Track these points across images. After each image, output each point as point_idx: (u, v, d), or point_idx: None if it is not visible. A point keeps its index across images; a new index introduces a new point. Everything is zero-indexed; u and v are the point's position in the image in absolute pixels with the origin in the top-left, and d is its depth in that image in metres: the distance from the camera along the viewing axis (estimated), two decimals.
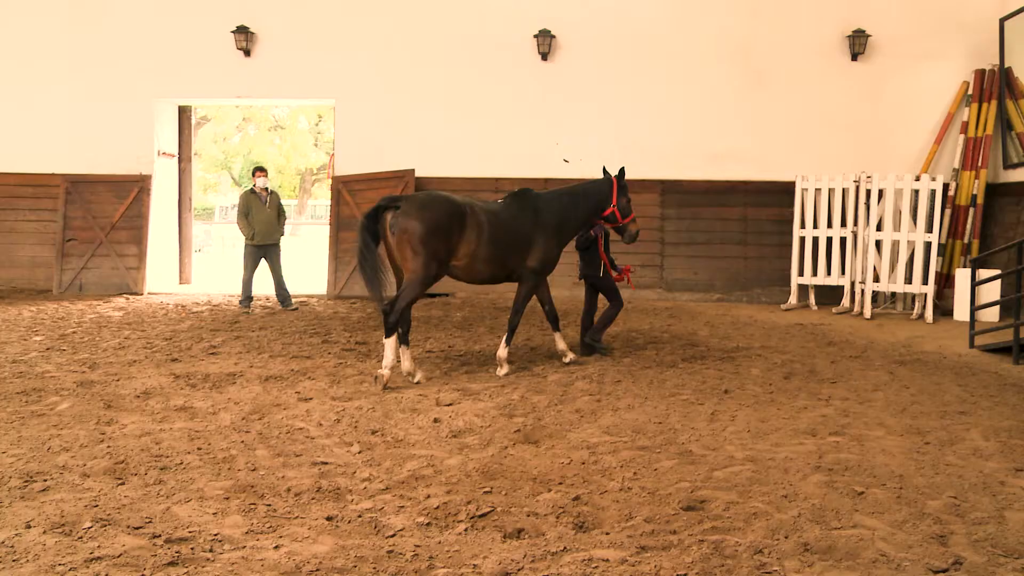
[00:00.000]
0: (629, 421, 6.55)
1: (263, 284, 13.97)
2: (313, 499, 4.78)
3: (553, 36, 14.86)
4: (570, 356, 8.87)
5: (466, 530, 4.37)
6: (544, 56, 14.91)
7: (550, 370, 8.51)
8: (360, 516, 4.53)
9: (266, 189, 13.08)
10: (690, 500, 4.79)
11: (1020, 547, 4.22)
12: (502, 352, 8.43)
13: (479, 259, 8.16)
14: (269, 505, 4.66)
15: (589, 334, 9.47)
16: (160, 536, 4.19)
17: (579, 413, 6.81)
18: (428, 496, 4.83)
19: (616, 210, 8.97)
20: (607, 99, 14.96)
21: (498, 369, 8.37)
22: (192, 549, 4.07)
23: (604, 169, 9.30)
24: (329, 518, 4.49)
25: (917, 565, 3.99)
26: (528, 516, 4.56)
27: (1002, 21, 13.78)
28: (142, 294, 14.86)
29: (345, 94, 15.26)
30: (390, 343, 7.81)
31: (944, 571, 3.94)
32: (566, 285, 14.83)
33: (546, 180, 14.93)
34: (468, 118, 15.13)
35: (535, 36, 14.84)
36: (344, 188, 14.98)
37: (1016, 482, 5.21)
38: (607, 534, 4.34)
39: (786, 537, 4.30)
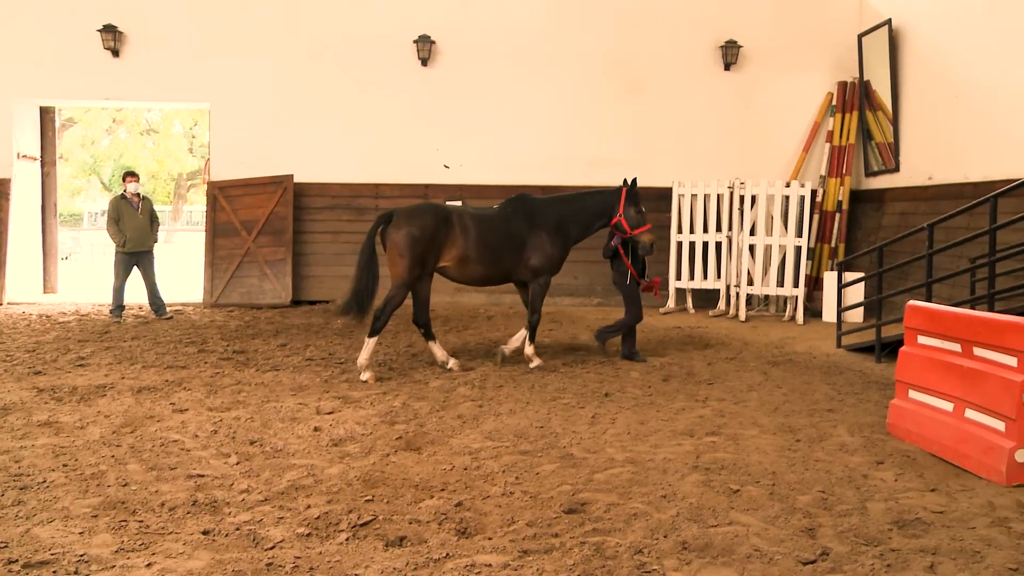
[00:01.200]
0: (511, 426, 6.58)
1: (136, 293, 13.49)
2: (188, 513, 4.63)
3: (433, 42, 14.83)
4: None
5: (347, 539, 4.31)
6: (424, 62, 14.87)
7: (432, 376, 8.49)
8: (238, 529, 4.41)
9: (138, 195, 12.63)
10: (571, 503, 4.84)
11: (880, 535, 4.43)
12: (528, 350, 9.05)
13: (470, 260, 8.71)
14: (141, 521, 4.49)
15: (597, 332, 9.79)
16: (17, 561, 3.97)
17: (461, 419, 6.81)
18: (308, 506, 4.75)
19: (623, 220, 9.10)
20: (488, 105, 15.03)
21: (530, 363, 8.95)
22: (54, 572, 3.88)
23: (625, 180, 9.32)
24: (205, 532, 4.36)
25: (788, 558, 4.14)
26: (410, 523, 4.53)
27: (860, 37, 14.48)
28: (1, 304, 14.14)
29: (221, 97, 14.87)
30: (371, 343, 8.43)
31: (812, 562, 4.10)
32: (448, 291, 14.84)
33: (426, 186, 14.94)
34: (348, 123, 14.96)
35: (415, 41, 14.79)
36: (220, 194, 14.61)
37: (878, 475, 5.47)
38: (489, 539, 4.35)
39: (665, 536, 4.39)
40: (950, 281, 10.01)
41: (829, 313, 12.93)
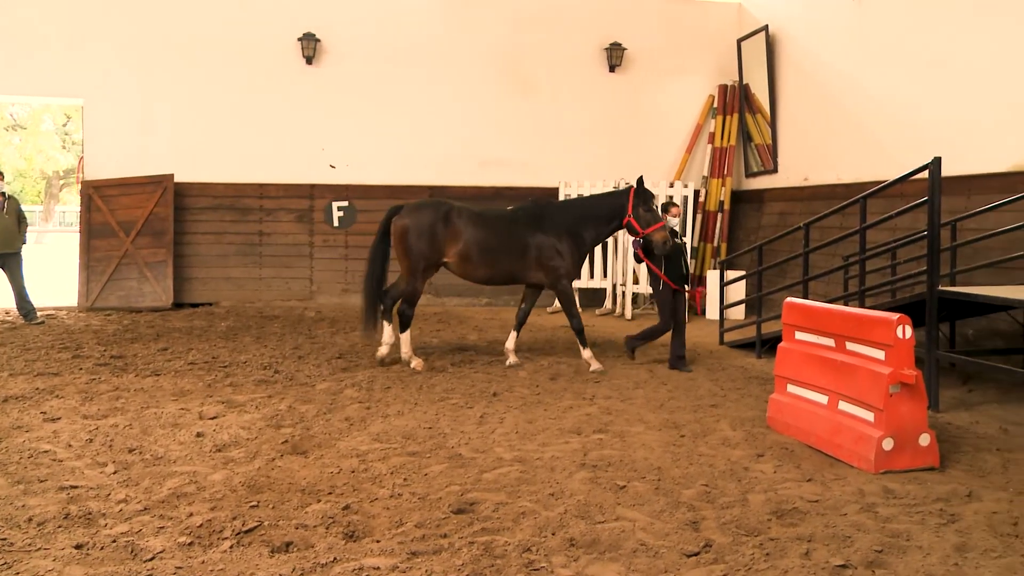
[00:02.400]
0: (399, 427, 6.54)
1: (2, 297, 12.86)
2: (60, 527, 4.43)
3: (318, 40, 14.60)
4: (512, 359, 9.17)
5: (231, 547, 4.21)
6: (309, 60, 14.62)
7: (318, 379, 8.37)
8: (115, 541, 4.25)
9: (3, 194, 12.02)
10: (460, 503, 4.84)
11: (760, 526, 4.57)
12: (586, 354, 9.09)
13: (470, 260, 8.99)
14: (4, 539, 4.26)
15: (627, 339, 9.63)
16: None
17: (348, 421, 6.73)
18: (190, 514, 4.62)
19: (633, 220, 9.01)
20: (375, 105, 14.87)
21: (590, 366, 8.94)
22: None
23: (639, 179, 9.24)
24: (78, 546, 4.18)
25: (672, 551, 4.23)
26: (297, 528, 4.46)
27: (739, 42, 14.93)
28: None
29: (95, 93, 14.27)
30: (405, 337, 9.02)
31: (696, 554, 4.20)
32: (335, 292, 14.68)
33: (312, 186, 14.71)
34: (231, 122, 14.56)
35: (299, 40, 14.52)
36: (96, 193, 14.05)
37: (758, 467, 5.64)
38: (378, 542, 4.31)
39: (553, 534, 4.43)
40: (825, 278, 10.42)
41: (712, 311, 13.26)
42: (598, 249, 14.21)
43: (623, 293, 13.89)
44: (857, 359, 5.89)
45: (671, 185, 14.05)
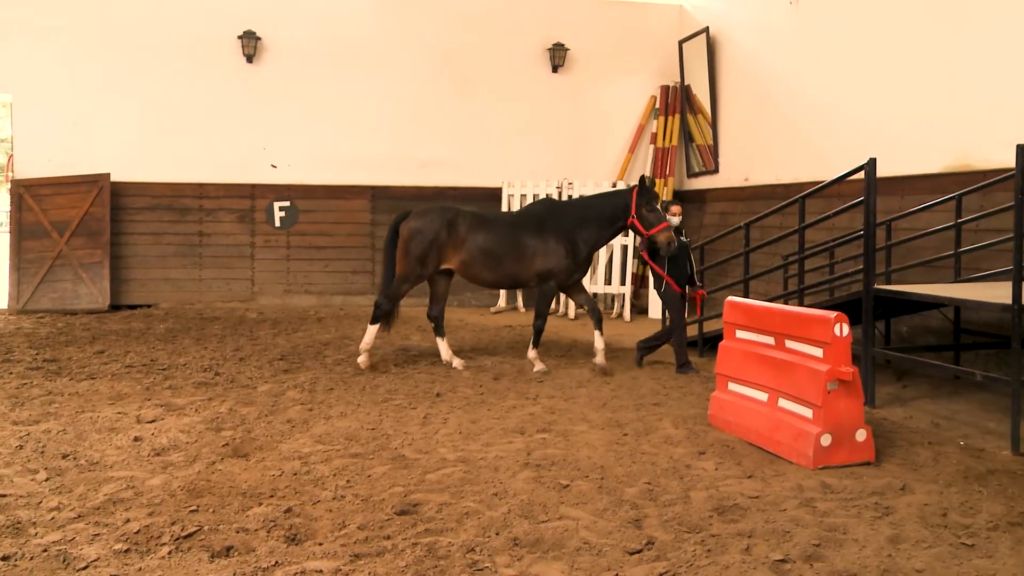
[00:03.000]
0: (342, 429, 6.49)
1: None
2: None
3: (259, 38, 14.40)
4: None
5: (170, 553, 4.13)
6: (250, 58, 14.41)
7: (260, 381, 8.26)
8: (46, 550, 4.13)
9: None
10: (403, 504, 4.82)
11: (702, 522, 4.62)
12: (531, 354, 9.02)
13: (474, 264, 8.96)
14: None
15: (638, 345, 9.48)
16: None
17: (291, 423, 6.66)
18: (127, 520, 4.52)
19: (636, 221, 8.75)
20: (317, 104, 14.70)
21: (534, 367, 8.84)
22: None
23: (641, 178, 8.97)
24: (5, 558, 4.05)
25: (616, 549, 4.25)
26: (238, 532, 4.39)
27: (681, 43, 15.09)
28: None
29: (25, 89, 13.86)
30: (373, 329, 9.00)
31: (638, 552, 4.23)
32: (276, 293, 14.52)
33: (253, 186, 14.51)
34: (170, 121, 14.25)
35: (239, 37, 14.30)
36: (27, 193, 13.71)
37: (700, 464, 5.70)
38: (320, 545, 4.26)
39: (497, 534, 4.43)
40: (766, 277, 10.57)
41: (654, 310, 13.37)
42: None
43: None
44: (796, 357, 5.98)
45: (614, 185, 14.12)
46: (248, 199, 14.51)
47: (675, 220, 9.16)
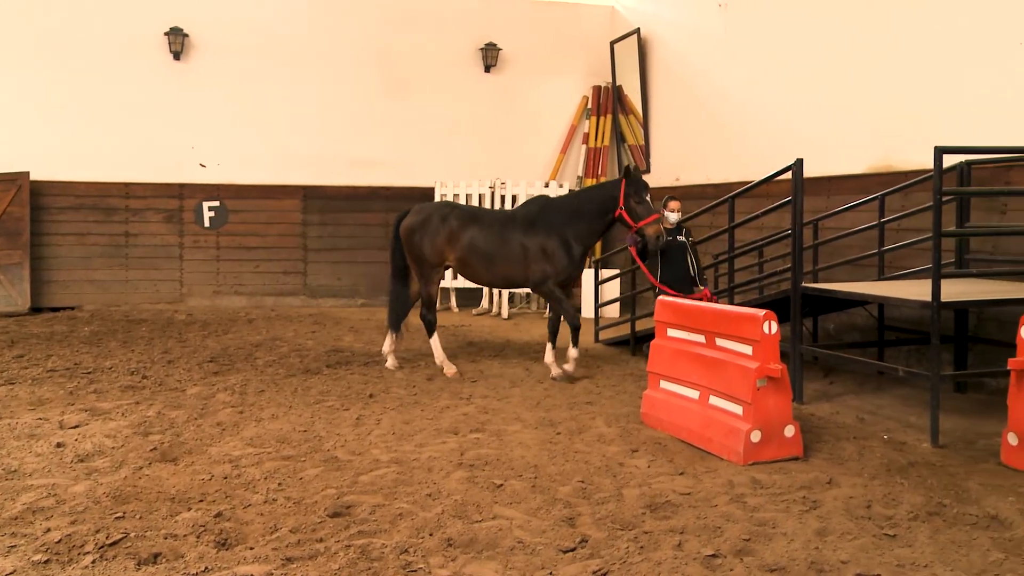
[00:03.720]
0: (273, 431, 6.40)
1: None
2: None
3: (186, 35, 14.12)
4: (555, 371, 8.67)
5: (94, 562, 4.03)
6: (177, 56, 14.11)
7: (189, 383, 8.11)
8: None
9: None
10: (336, 506, 4.77)
11: (634, 519, 4.66)
12: (572, 352, 8.62)
13: (469, 263, 8.89)
14: None
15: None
16: None
17: (221, 426, 6.55)
18: (48, 530, 4.40)
19: (624, 212, 8.39)
20: (247, 102, 14.47)
21: (562, 371, 8.60)
22: None
23: (627, 168, 8.59)
24: None
25: (549, 548, 4.27)
26: (166, 539, 4.31)
27: (613, 44, 15.21)
28: None
29: None
30: (435, 340, 9.11)
31: (572, 550, 4.25)
32: (207, 295, 14.28)
33: (181, 185, 14.24)
34: (94, 119, 13.88)
35: (166, 34, 14.00)
36: None
37: (632, 462, 5.75)
38: (251, 549, 4.20)
39: (431, 534, 4.41)
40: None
41: (588, 309, 13.44)
42: None
43: (500, 293, 13.93)
44: (726, 354, 6.07)
45: (546, 185, 14.20)
46: (176, 199, 14.23)
47: (674, 216, 8.86)
